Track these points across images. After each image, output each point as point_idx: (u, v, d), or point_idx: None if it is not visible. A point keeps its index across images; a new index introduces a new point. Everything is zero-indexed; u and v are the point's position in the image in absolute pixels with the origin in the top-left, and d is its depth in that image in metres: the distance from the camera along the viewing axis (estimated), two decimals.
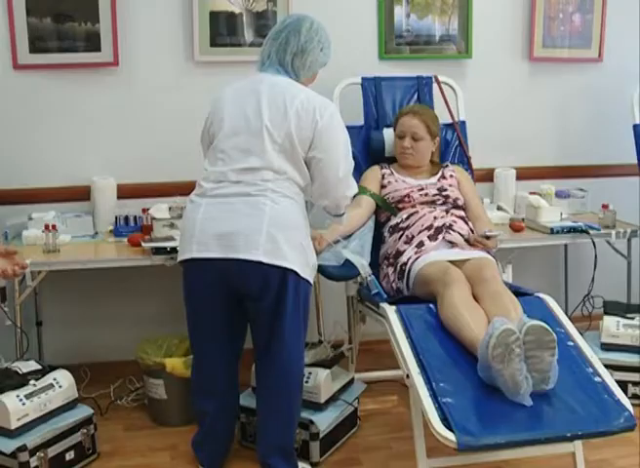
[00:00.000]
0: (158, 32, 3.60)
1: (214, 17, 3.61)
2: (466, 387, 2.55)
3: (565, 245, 4.02)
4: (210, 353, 2.77)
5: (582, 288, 3.70)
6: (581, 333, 2.89)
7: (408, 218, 3.22)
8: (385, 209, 3.28)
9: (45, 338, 3.66)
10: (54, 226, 3.20)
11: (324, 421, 2.97)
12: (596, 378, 2.62)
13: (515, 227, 3.63)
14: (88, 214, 3.50)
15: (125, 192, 3.53)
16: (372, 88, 3.64)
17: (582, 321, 3.60)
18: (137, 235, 3.26)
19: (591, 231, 3.61)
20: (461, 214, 3.28)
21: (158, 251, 3.13)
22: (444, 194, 3.31)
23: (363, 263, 2.98)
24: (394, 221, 3.26)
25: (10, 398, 2.80)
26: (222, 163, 2.68)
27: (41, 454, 2.82)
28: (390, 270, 3.15)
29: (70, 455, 2.94)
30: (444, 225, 3.16)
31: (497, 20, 3.96)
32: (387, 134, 3.53)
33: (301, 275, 2.62)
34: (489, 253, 3.12)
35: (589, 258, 3.63)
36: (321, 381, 2.97)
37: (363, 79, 3.63)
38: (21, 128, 3.57)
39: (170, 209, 3.29)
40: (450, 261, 2.99)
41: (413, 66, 3.80)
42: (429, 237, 3.13)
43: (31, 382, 2.89)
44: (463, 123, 3.69)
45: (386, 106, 3.64)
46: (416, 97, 3.67)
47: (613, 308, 3.55)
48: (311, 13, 3.47)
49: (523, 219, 3.71)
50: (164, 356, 3.24)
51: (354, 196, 2.92)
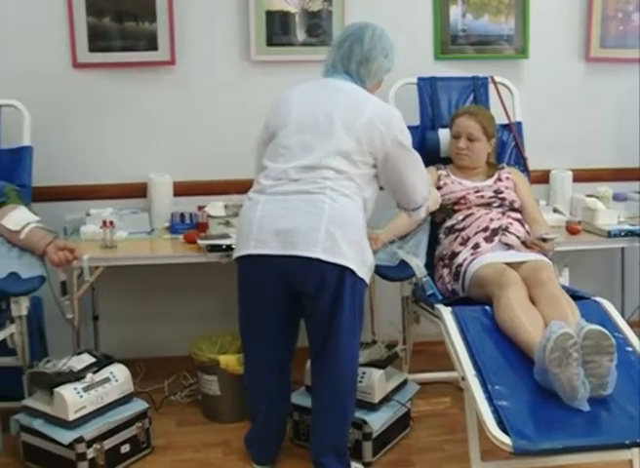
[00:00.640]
0: (215, 31, 3.63)
1: (270, 16, 3.63)
2: (522, 390, 2.53)
3: (622, 248, 3.95)
4: (263, 350, 2.78)
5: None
6: None
7: (464, 220, 3.21)
8: (441, 210, 3.27)
9: (101, 333, 3.71)
10: (111, 222, 3.24)
11: (377, 421, 2.97)
12: None
13: (572, 230, 3.58)
14: (144, 211, 3.53)
15: (181, 189, 3.57)
16: (428, 88, 3.63)
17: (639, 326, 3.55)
18: (192, 232, 3.28)
19: None
20: (518, 216, 3.26)
21: (213, 248, 3.14)
22: (500, 196, 3.29)
23: (418, 264, 2.99)
24: (450, 223, 3.25)
25: (68, 390, 2.85)
26: (283, 159, 2.69)
27: (97, 446, 2.86)
28: (445, 271, 3.14)
29: (125, 448, 2.98)
30: (500, 227, 3.15)
31: (553, 20, 3.92)
32: (443, 134, 3.53)
33: (358, 274, 2.62)
34: (545, 255, 3.09)
35: None
36: (375, 381, 2.97)
37: (419, 79, 3.62)
38: (80, 125, 3.63)
39: (225, 206, 3.31)
40: (506, 263, 2.98)
41: (469, 66, 3.78)
42: (485, 239, 3.11)
43: (89, 375, 2.94)
44: (520, 124, 3.67)
45: (442, 107, 3.63)
46: (472, 97, 3.66)
47: None
48: (366, 12, 3.54)
49: (579, 222, 3.65)
50: (218, 353, 3.27)
51: None
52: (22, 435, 2.96)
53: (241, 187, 3.09)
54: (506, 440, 2.32)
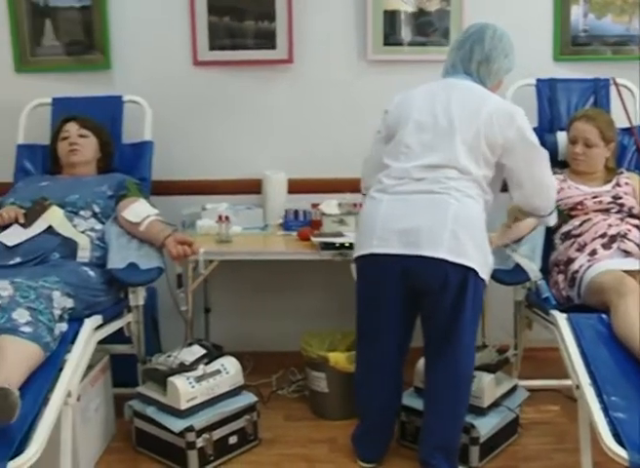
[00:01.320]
0: (332, 31, 3.65)
1: (387, 15, 3.62)
2: None
3: None
4: (379, 349, 2.79)
5: None
6: None
7: (581, 226, 3.14)
8: (557, 216, 3.20)
9: (211, 325, 3.78)
10: (227, 217, 3.29)
11: (485, 426, 2.92)
12: None
13: None
14: (259, 207, 3.59)
15: (295, 187, 3.60)
16: (546, 90, 3.56)
17: None
18: (306, 229, 3.31)
19: None
20: (637, 222, 3.16)
21: (327, 246, 3.16)
22: (619, 202, 3.21)
23: (533, 268, 2.94)
24: (566, 228, 3.19)
25: (181, 380, 2.91)
26: (406, 158, 2.69)
27: (207, 436, 2.91)
28: (560, 277, 3.07)
29: (233, 440, 3.02)
30: (619, 234, 3.06)
31: None
32: (561, 137, 3.46)
33: (480, 274, 2.61)
34: None
35: None
36: (485, 386, 2.92)
37: (538, 81, 3.56)
38: (199, 122, 3.72)
39: (339, 205, 3.32)
40: (624, 271, 2.89)
41: (589, 68, 3.67)
42: (603, 245, 3.04)
43: (200, 367, 3.00)
44: None
45: (561, 109, 3.55)
46: (592, 100, 3.56)
47: None
48: (485, 12, 3.50)
49: None
50: (327, 350, 3.28)
51: None
52: (135, 421, 3.05)
53: (355, 186, 3.10)
54: (623, 453, 2.24)
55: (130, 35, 3.64)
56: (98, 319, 2.90)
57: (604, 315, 2.78)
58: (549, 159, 3.35)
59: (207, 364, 3.03)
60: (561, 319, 2.80)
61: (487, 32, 2.78)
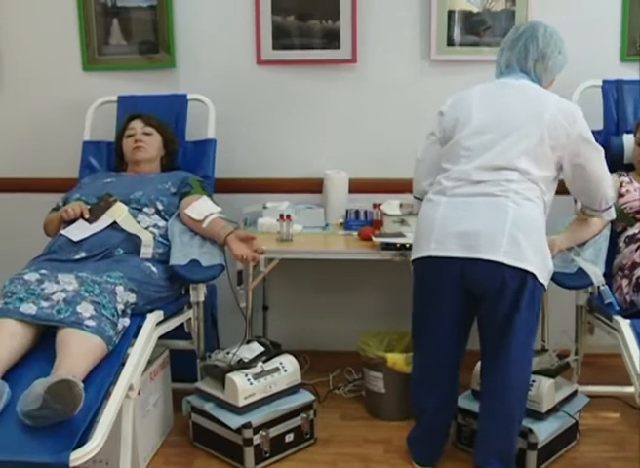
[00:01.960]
0: (396, 30, 3.64)
1: (452, 15, 3.60)
2: None
3: None
4: (436, 351, 2.77)
5: None
6: None
7: None
8: (622, 219, 3.15)
9: (269, 323, 3.81)
10: (288, 216, 3.31)
11: (543, 431, 2.88)
12: None
13: None
14: (319, 206, 3.60)
15: (356, 186, 3.60)
16: (613, 91, 3.49)
17: None
18: (368, 229, 3.30)
19: None
20: None
21: (388, 246, 3.15)
22: None
23: (597, 272, 2.89)
24: (631, 232, 3.13)
25: (239, 377, 2.94)
26: (467, 160, 2.68)
27: (263, 433, 2.93)
28: (625, 282, 3.01)
29: (290, 438, 3.04)
30: None
31: None
32: (627, 139, 3.39)
33: (539, 278, 2.58)
34: None
35: None
36: (544, 390, 2.89)
37: (604, 82, 3.50)
38: (261, 120, 3.75)
39: (401, 205, 3.31)
40: None
41: None
42: None
43: (259, 364, 3.02)
44: None
45: (628, 111, 3.48)
46: None
47: None
48: (551, 12, 3.49)
49: None
50: (385, 350, 3.28)
51: None
52: (193, 416, 3.09)
53: None
54: None
55: (195, 34, 3.68)
56: (159, 314, 2.93)
57: None
58: (616, 162, 3.34)
59: (265, 361, 3.05)
60: (624, 325, 2.75)
61: (539, 30, 2.76)
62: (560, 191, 3.43)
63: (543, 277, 2.62)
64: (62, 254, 3.01)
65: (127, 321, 2.76)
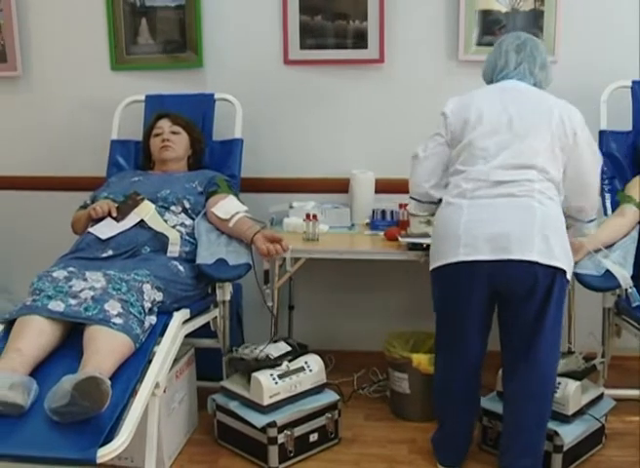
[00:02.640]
0: (423, 30, 3.64)
1: (480, 15, 3.58)
2: None
3: None
4: (459, 353, 2.77)
5: None
6: None
7: None
8: None
9: (295, 322, 3.81)
10: (315, 216, 3.31)
11: (569, 434, 2.86)
12: None
13: None
14: (345, 206, 3.60)
15: (382, 186, 3.60)
16: None
17: None
18: (394, 229, 3.30)
19: None
20: None
21: (414, 246, 3.14)
22: None
23: (624, 274, 2.87)
24: None
25: (265, 376, 2.94)
26: (484, 161, 2.67)
27: (288, 432, 2.93)
28: None
29: (314, 437, 3.04)
30: None
31: None
32: None
33: (567, 275, 2.60)
34: None
35: None
36: (570, 393, 2.87)
37: (634, 82, 3.46)
38: (288, 120, 3.76)
39: None
40: None
41: None
42: None
43: (284, 364, 3.02)
44: None
45: None
46: None
47: None
48: (579, 12, 3.51)
49: None
50: (410, 351, 3.27)
51: (618, 205, 2.90)
52: (218, 414, 3.09)
53: None
54: None
55: (222, 34, 3.70)
56: (186, 313, 2.95)
57: None
58: None
59: (291, 361, 3.05)
60: None
61: (538, 42, 2.85)
62: None
63: (569, 274, 2.64)
64: (90, 252, 3.03)
65: (154, 319, 2.77)
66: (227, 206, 3.19)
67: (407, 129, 3.68)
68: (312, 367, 3.08)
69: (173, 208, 3.20)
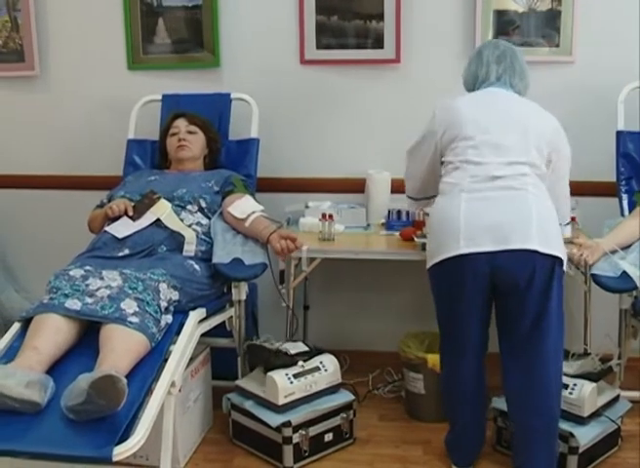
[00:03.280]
0: (440, 31, 3.63)
1: (496, 15, 3.57)
2: None
3: None
4: (463, 350, 2.76)
5: None
6: None
7: None
8: None
9: (310, 322, 3.82)
10: (330, 216, 3.31)
11: (585, 436, 2.85)
12: None
13: None
14: (361, 206, 3.59)
15: (398, 187, 3.53)
16: None
17: None
18: (410, 229, 3.29)
19: None
20: None
21: None
22: None
23: None
24: None
25: (280, 375, 2.95)
26: (479, 158, 2.70)
27: (303, 432, 2.94)
28: None
29: (329, 437, 3.04)
30: None
31: None
32: None
33: (563, 266, 2.62)
34: None
35: None
36: (586, 394, 2.85)
37: None
38: (304, 120, 3.76)
39: None
40: None
41: None
42: None
43: (300, 363, 3.02)
44: None
45: None
46: None
47: None
48: (596, 12, 3.49)
49: None
50: (426, 351, 3.27)
51: (635, 206, 2.86)
52: (233, 413, 3.10)
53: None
54: None
55: (239, 34, 3.70)
56: (202, 312, 2.95)
57: None
58: None
59: (306, 360, 3.06)
60: None
61: (516, 49, 2.89)
62: (605, 193, 3.42)
63: (565, 265, 2.65)
64: (107, 251, 3.05)
65: (170, 318, 2.78)
66: (244, 205, 3.19)
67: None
68: (327, 366, 3.08)
69: (189, 207, 3.21)
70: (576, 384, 2.89)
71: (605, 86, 3.45)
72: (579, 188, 3.10)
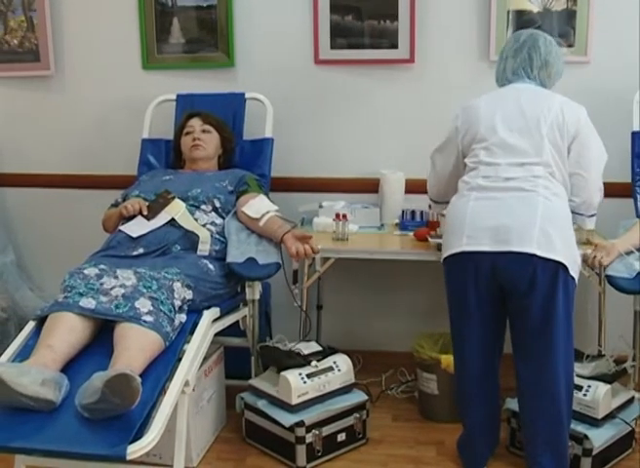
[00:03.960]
0: (454, 30, 3.63)
1: (515, 15, 3.56)
2: None
3: None
4: (473, 352, 2.77)
5: None
6: None
7: None
8: None
9: (323, 322, 3.81)
10: (344, 216, 3.30)
11: (599, 438, 2.84)
12: None
13: None
14: (375, 206, 3.59)
15: (412, 187, 3.58)
16: None
17: None
18: (424, 230, 3.29)
19: None
20: None
21: None
22: None
23: None
24: None
25: (293, 375, 2.95)
26: (492, 158, 2.71)
27: (316, 432, 2.94)
28: None
29: (342, 437, 3.04)
30: None
31: None
32: None
33: (570, 271, 2.58)
34: None
35: None
36: (600, 396, 2.85)
37: None
38: (319, 120, 3.76)
39: None
40: None
41: None
42: None
43: (313, 363, 3.02)
44: None
45: None
46: None
47: None
48: (612, 11, 3.48)
49: None
50: (439, 352, 3.26)
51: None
52: (246, 413, 3.11)
53: None
54: None
55: (253, 34, 3.70)
56: (216, 311, 2.96)
57: None
58: None
59: (319, 360, 3.06)
60: None
61: (539, 39, 2.84)
62: (620, 194, 3.40)
63: (574, 270, 2.62)
64: (121, 250, 3.05)
65: (184, 317, 2.78)
66: (258, 205, 3.19)
67: (437, 129, 3.59)
68: (341, 366, 3.08)
69: (203, 206, 3.21)
70: (590, 386, 2.88)
71: (620, 86, 3.44)
72: None
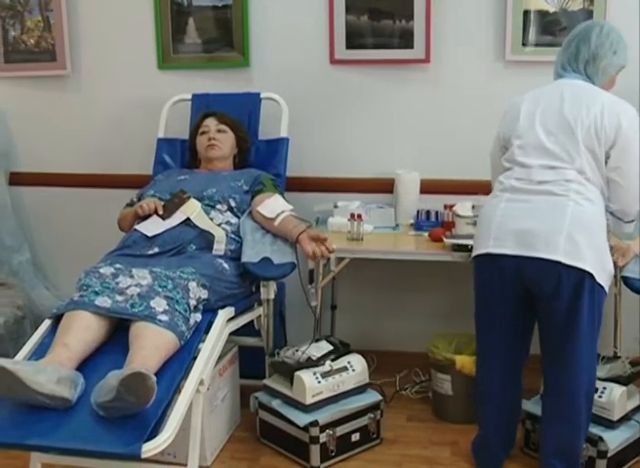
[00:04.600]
0: (469, 31, 3.61)
1: (527, 15, 3.55)
2: None
3: None
4: (495, 352, 2.76)
5: None
6: None
7: None
8: None
9: (338, 322, 3.80)
10: (359, 216, 3.30)
11: (614, 440, 2.83)
12: None
13: None
14: (390, 206, 3.59)
15: (427, 187, 3.58)
16: None
17: None
18: (439, 230, 3.28)
19: None
20: None
21: (459, 247, 3.12)
22: None
23: None
24: None
25: (308, 375, 2.96)
26: (525, 160, 2.68)
27: (330, 432, 2.95)
28: None
29: (356, 437, 3.04)
30: None
31: None
32: None
33: (597, 279, 2.55)
34: None
35: None
36: (615, 398, 2.83)
37: None
38: (334, 120, 3.76)
39: (473, 207, 3.28)
40: None
41: None
42: None
43: (327, 363, 3.02)
44: None
45: None
46: None
47: None
48: (629, 11, 3.45)
49: None
50: (454, 352, 3.26)
51: None
52: (260, 412, 3.11)
53: (488, 188, 3.05)
54: None
55: (268, 34, 3.71)
56: (230, 311, 2.96)
57: None
58: None
59: (334, 360, 3.06)
60: None
61: (593, 30, 2.74)
62: None
63: (602, 279, 2.57)
64: (136, 249, 3.06)
65: (199, 316, 2.79)
66: (273, 205, 3.20)
67: (452, 129, 3.67)
68: (355, 366, 3.08)
69: (218, 206, 3.22)
70: (605, 388, 2.87)
71: (636, 87, 3.42)
72: None
